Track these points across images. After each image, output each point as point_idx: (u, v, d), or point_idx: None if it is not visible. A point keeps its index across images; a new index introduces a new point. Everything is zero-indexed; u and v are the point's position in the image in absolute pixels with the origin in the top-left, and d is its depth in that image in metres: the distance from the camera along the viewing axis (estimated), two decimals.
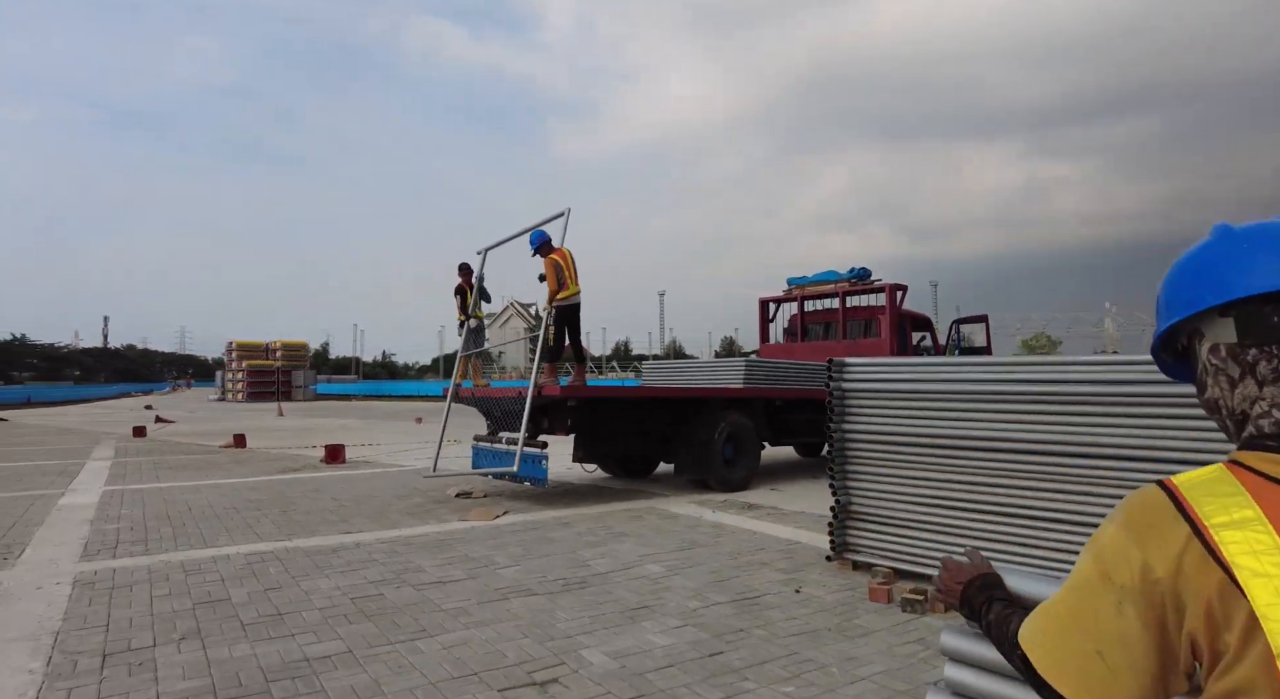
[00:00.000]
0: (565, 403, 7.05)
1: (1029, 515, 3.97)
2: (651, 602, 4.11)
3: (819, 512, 6.84)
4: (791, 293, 11.64)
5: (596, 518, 6.60)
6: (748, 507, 7.14)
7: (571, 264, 7.43)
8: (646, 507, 7.18)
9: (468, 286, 9.05)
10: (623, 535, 5.82)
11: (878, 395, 4.61)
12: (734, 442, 8.10)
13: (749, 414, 8.34)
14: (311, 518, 6.66)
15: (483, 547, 5.46)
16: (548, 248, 7.30)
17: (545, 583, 4.49)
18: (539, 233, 7.29)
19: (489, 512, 6.76)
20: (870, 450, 4.66)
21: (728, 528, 6.12)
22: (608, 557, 5.14)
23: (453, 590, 4.34)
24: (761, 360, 8.91)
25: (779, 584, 4.46)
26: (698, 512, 6.88)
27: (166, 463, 11.59)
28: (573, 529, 6.10)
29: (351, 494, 8.09)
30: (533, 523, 6.38)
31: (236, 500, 7.68)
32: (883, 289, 10.61)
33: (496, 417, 7.91)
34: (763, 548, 5.40)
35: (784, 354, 11.18)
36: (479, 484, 8.32)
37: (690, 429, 7.87)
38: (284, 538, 5.81)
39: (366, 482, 9.16)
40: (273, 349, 52.14)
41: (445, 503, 7.50)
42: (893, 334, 10.41)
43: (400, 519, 6.61)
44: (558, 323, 7.33)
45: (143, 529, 6.19)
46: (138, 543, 5.67)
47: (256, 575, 4.68)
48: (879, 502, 4.62)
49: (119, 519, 6.65)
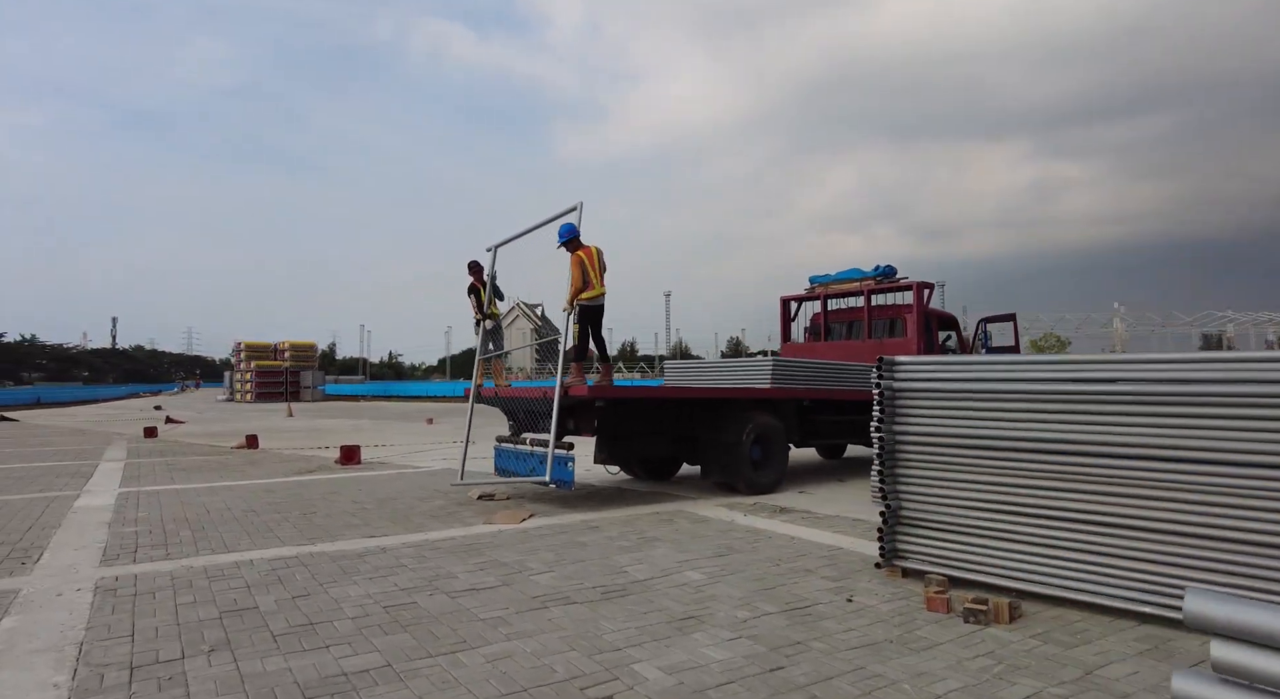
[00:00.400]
0: (592, 403, 6.86)
1: (1099, 523, 3.77)
2: (698, 611, 3.92)
3: (854, 515, 6.66)
4: (814, 291, 11.43)
5: (625, 521, 6.41)
6: (779, 510, 6.94)
7: (598, 262, 7.24)
8: (675, 510, 6.98)
9: (480, 285, 8.87)
10: (655, 540, 5.63)
11: (932, 395, 4.41)
12: (762, 443, 7.90)
13: (778, 415, 8.14)
14: (333, 521, 6.49)
15: (513, 552, 5.28)
16: (576, 243, 7.11)
17: (583, 591, 4.31)
18: (569, 226, 7.10)
19: (515, 514, 6.58)
20: (923, 453, 4.46)
21: (763, 533, 5.92)
22: (644, 563, 4.95)
23: (488, 598, 4.16)
24: (789, 360, 8.71)
25: (828, 593, 4.27)
26: (728, 515, 6.69)
27: (180, 464, 11.46)
28: (603, 533, 5.91)
29: (371, 496, 7.92)
30: (560, 527, 6.20)
31: (254, 503, 7.52)
32: (909, 287, 10.39)
33: (519, 417, 7.73)
34: (804, 554, 5.20)
35: (806, 353, 10.98)
36: (501, 485, 8.14)
37: (717, 431, 7.67)
38: (307, 542, 5.64)
39: (385, 483, 9.00)
40: (281, 350, 52.19)
41: (468, 505, 7.32)
42: (919, 333, 10.19)
43: (424, 522, 6.43)
44: (580, 322, 7.14)
45: (161, 532, 6.03)
46: (158, 547, 5.50)
47: (283, 582, 4.50)
48: (932, 506, 4.42)
49: (137, 522, 6.49)
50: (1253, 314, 68.78)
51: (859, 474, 9.66)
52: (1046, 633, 3.55)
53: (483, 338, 8.41)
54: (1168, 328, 59.64)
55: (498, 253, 8.65)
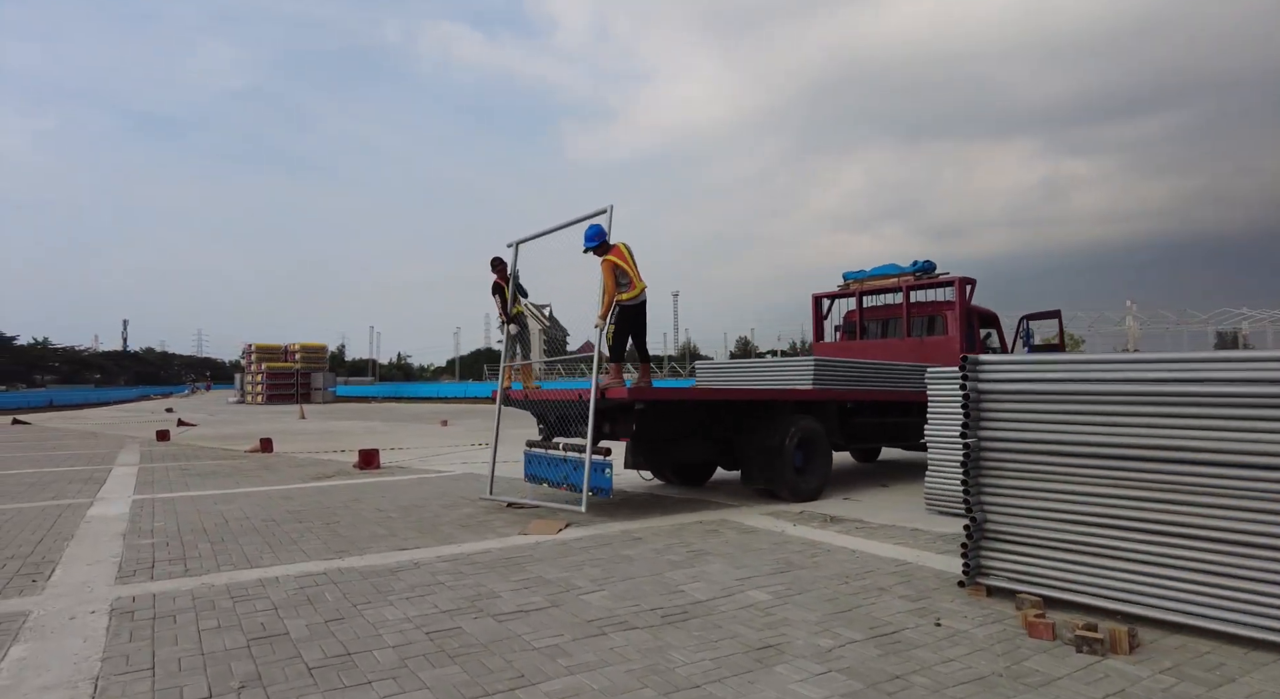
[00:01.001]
0: (631, 406, 6.47)
1: (1227, 540, 3.37)
2: (775, 639, 3.54)
3: (910, 524, 6.27)
4: (849, 288, 11.02)
5: (669, 532, 6.03)
6: (829, 519, 6.55)
7: (631, 260, 6.87)
8: (718, 519, 6.60)
9: (503, 283, 8.49)
10: (706, 554, 5.24)
11: (1024, 397, 4.02)
12: (805, 448, 7.51)
13: (821, 418, 7.74)
14: (358, 532, 6.14)
15: (555, 567, 4.91)
16: (605, 247, 6.73)
17: (641, 613, 3.93)
18: (596, 227, 6.72)
19: (551, 524, 6.21)
20: (1013, 460, 4.06)
21: (820, 545, 5.53)
22: (700, 580, 4.57)
23: (539, 622, 3.79)
24: (831, 359, 8.32)
25: (911, 615, 3.87)
26: (776, 525, 6.30)
27: (194, 469, 11.15)
28: (648, 545, 5.53)
29: (395, 504, 7.57)
30: (601, 538, 5.83)
31: (274, 511, 7.17)
32: (951, 282, 9.96)
33: (551, 421, 7.37)
34: (871, 570, 4.81)
35: (841, 352, 10.57)
36: (531, 491, 7.78)
37: (759, 434, 7.29)
38: (334, 556, 5.28)
39: (407, 490, 8.65)
40: (291, 351, 52.04)
41: (499, 513, 6.96)
42: (962, 331, 9.78)
43: (455, 533, 6.07)
44: (619, 322, 6.76)
45: (179, 545, 5.68)
46: (176, 561, 5.16)
47: (313, 602, 4.15)
48: (1023, 519, 4.02)
49: (153, 533, 6.16)
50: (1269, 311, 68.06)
51: (900, 478, 9.26)
52: (1177, 668, 3.14)
53: (508, 339, 8.03)
54: (1182, 326, 58.98)
55: (519, 250, 8.28)
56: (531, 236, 8.05)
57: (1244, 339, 61.80)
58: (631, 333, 6.83)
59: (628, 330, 6.80)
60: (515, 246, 8.25)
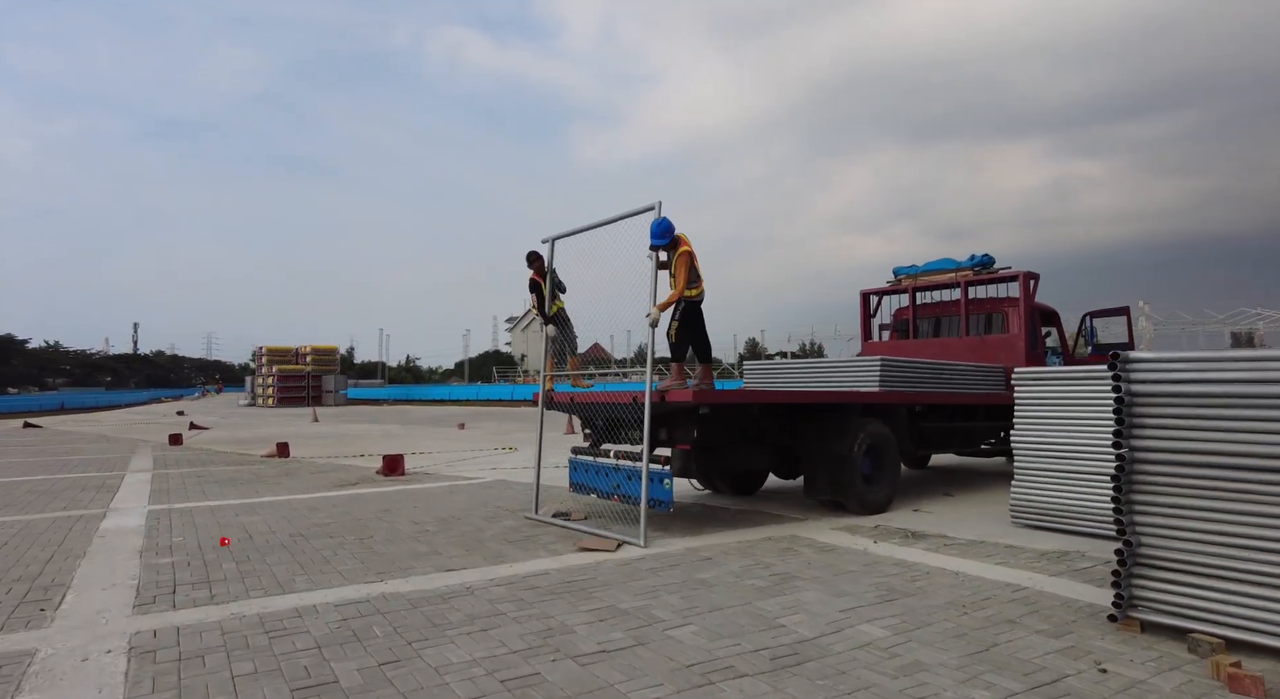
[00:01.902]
0: (695, 411, 5.89)
1: None
2: (920, 691, 2.96)
3: (1002, 540, 5.70)
4: (900, 284, 10.42)
5: (740, 551, 5.46)
6: (910, 535, 5.96)
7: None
8: (788, 535, 6.02)
9: (540, 279, 7.90)
10: (792, 578, 4.66)
11: (1193, 402, 3.43)
12: (873, 456, 6.92)
13: (890, 423, 7.15)
14: (396, 548, 5.59)
15: (627, 593, 4.34)
16: (675, 243, 6.17)
17: (746, 656, 3.35)
18: (665, 222, 6.16)
19: (606, 540, 5.65)
20: (1177, 475, 3.47)
21: (915, 566, 4.95)
22: (798, 611, 3.99)
23: (628, 665, 3.22)
24: (899, 360, 7.72)
25: (1063, 657, 3.29)
26: (855, 542, 5.72)
27: (210, 475, 10.64)
28: (722, 567, 4.95)
29: (430, 515, 7.02)
30: (666, 557, 5.26)
31: (300, 523, 6.63)
32: (1014, 277, 9.35)
33: (599, 425, 6.80)
34: (987, 597, 4.22)
35: (892, 352, 9.95)
36: (577, 501, 7.21)
37: (826, 441, 6.70)
38: (374, 577, 4.73)
39: (440, 499, 8.10)
40: (302, 354, 51.66)
41: (545, 527, 6.40)
42: (1026, 329, 9.17)
43: (503, 549, 5.52)
44: (683, 319, 6.19)
45: (201, 564, 5.14)
46: (199, 584, 4.61)
47: (360, 639, 3.59)
48: (1192, 544, 3.43)
49: (172, 550, 5.62)
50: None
51: (962, 486, 8.66)
52: None
53: (548, 340, 7.46)
54: (1198, 326, 58.26)
55: (555, 247, 7.68)
56: (570, 232, 7.44)
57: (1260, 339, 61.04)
58: (693, 332, 6.26)
59: (691, 329, 6.23)
60: (551, 243, 7.66)
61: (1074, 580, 4.57)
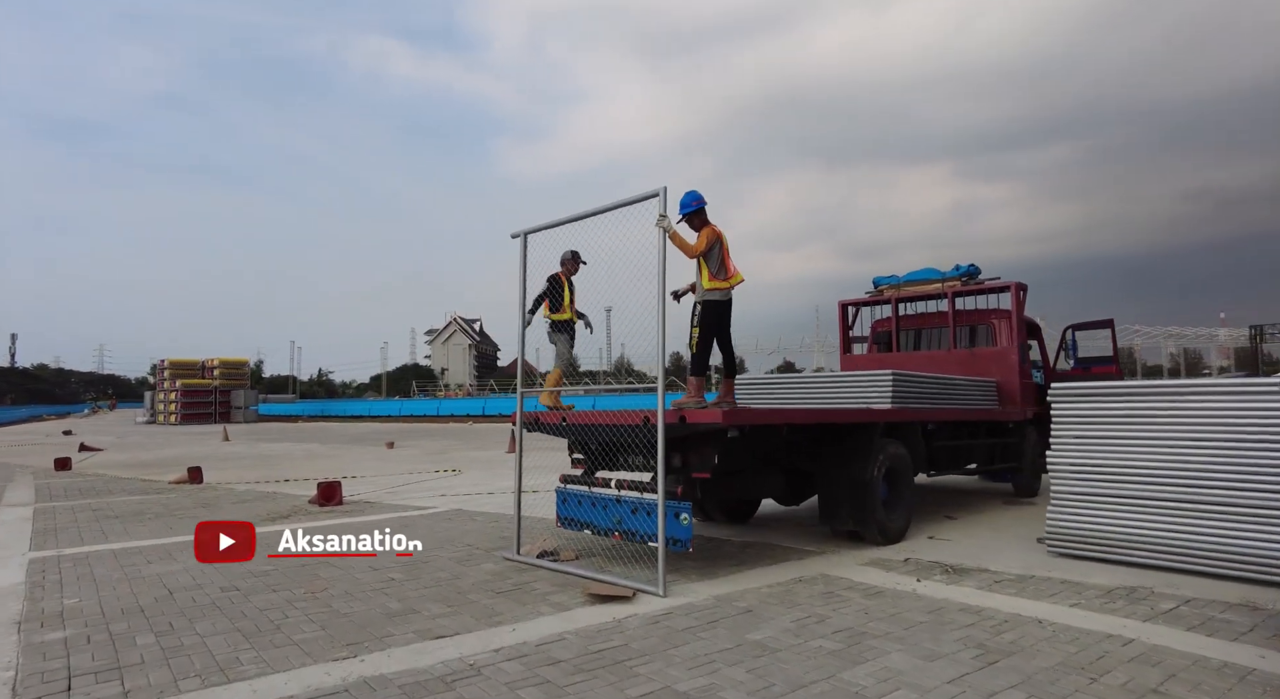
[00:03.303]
0: (719, 435, 5.08)
1: None
2: None
3: (1045, 572, 5.21)
4: (882, 294, 9.96)
5: (778, 598, 4.68)
6: (951, 570, 5.33)
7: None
8: (817, 574, 5.29)
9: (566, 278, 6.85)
10: (862, 636, 3.92)
11: None
12: (889, 479, 6.31)
13: (907, 442, 6.55)
14: (361, 606, 4.56)
15: (676, 667, 3.49)
16: (703, 221, 5.40)
17: None
18: (695, 193, 5.38)
19: (618, 587, 4.77)
20: None
21: (985, 612, 4.29)
22: (899, 684, 3.24)
23: None
24: (911, 374, 7.17)
25: None
26: (897, 582, 5.04)
27: (109, 508, 9.14)
28: (771, 623, 4.16)
29: (390, 558, 5.96)
30: (696, 609, 4.43)
31: (234, 573, 5.48)
32: (1005, 288, 9.01)
33: (593, 450, 5.91)
34: (1100, 654, 3.58)
35: (875, 365, 9.46)
36: (565, 538, 6.29)
37: (844, 464, 6.04)
38: (345, 652, 3.72)
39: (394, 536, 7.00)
40: (210, 367, 48.21)
41: (532, 570, 5.47)
42: (1018, 341, 8.82)
43: (494, 604, 4.57)
44: (704, 321, 5.39)
45: (108, 642, 3.98)
46: (107, 676, 3.49)
47: None
48: None
49: (64, 619, 4.41)
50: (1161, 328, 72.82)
51: (956, 507, 8.18)
52: None
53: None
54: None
55: (528, 241, 6.68)
56: (548, 224, 6.47)
57: (1136, 353, 65.64)
58: (718, 337, 5.46)
59: (715, 332, 5.43)
60: (524, 237, 6.64)
61: (1174, 627, 4.01)
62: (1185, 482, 5.15)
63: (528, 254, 6.29)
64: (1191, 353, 77.94)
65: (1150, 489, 5.28)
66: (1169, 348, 72.23)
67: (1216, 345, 76.59)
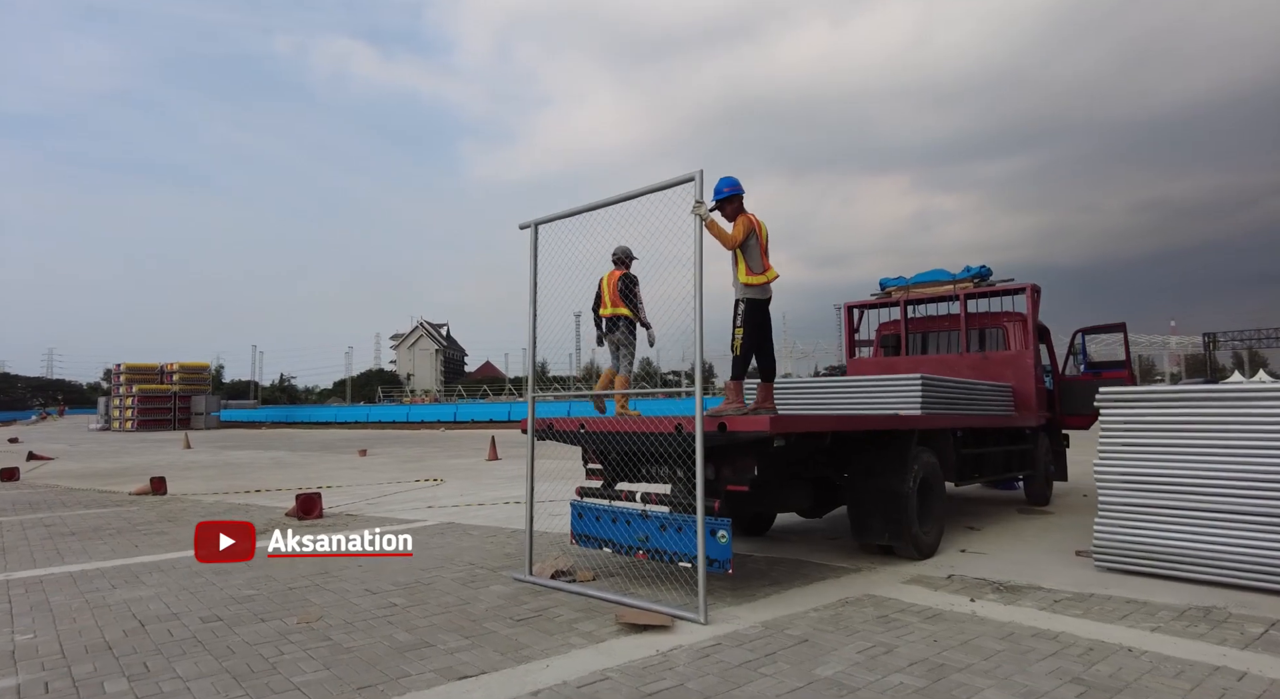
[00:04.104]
0: (762, 444, 4.62)
1: None
2: None
3: (1103, 590, 4.84)
4: (890, 296, 9.64)
5: (831, 623, 4.25)
6: (1003, 589, 4.96)
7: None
8: (861, 595, 4.88)
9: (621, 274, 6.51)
10: (943, 670, 3.50)
11: None
12: (921, 490, 5.93)
13: (937, 450, 6.20)
14: (367, 639, 4.03)
15: None
16: (739, 208, 5.00)
17: None
18: (731, 179, 4.95)
19: (653, 615, 4.30)
20: None
21: (1064, 638, 3.91)
22: None
23: None
24: (939, 379, 6.82)
25: None
26: (950, 602, 4.65)
27: (64, 524, 8.40)
28: (836, 654, 3.73)
29: (386, 579, 5.43)
30: (748, 640, 3.98)
31: (211, 598, 4.89)
32: (1021, 290, 8.74)
33: (613, 460, 5.44)
34: (1220, 693, 3.21)
35: (884, 369, 9.13)
36: (578, 556, 5.80)
37: (882, 475, 5.66)
38: (356, 697, 3.20)
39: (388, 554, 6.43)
40: (168, 372, 46.48)
41: (549, 593, 4.97)
42: (1034, 345, 8.55)
43: (518, 635, 4.07)
44: (749, 321, 4.96)
45: (72, 691, 3.40)
46: None
47: None
48: None
49: (16, 661, 3.80)
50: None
51: (972, 516, 7.86)
52: None
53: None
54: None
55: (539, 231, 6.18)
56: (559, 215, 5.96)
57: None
58: (758, 339, 5.03)
59: (758, 334, 5.00)
60: (534, 227, 6.13)
61: (1273, 655, 3.67)
62: (1248, 493, 4.85)
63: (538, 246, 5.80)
64: (1145, 359, 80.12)
65: (1210, 501, 4.98)
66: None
67: (1168, 352, 78.88)
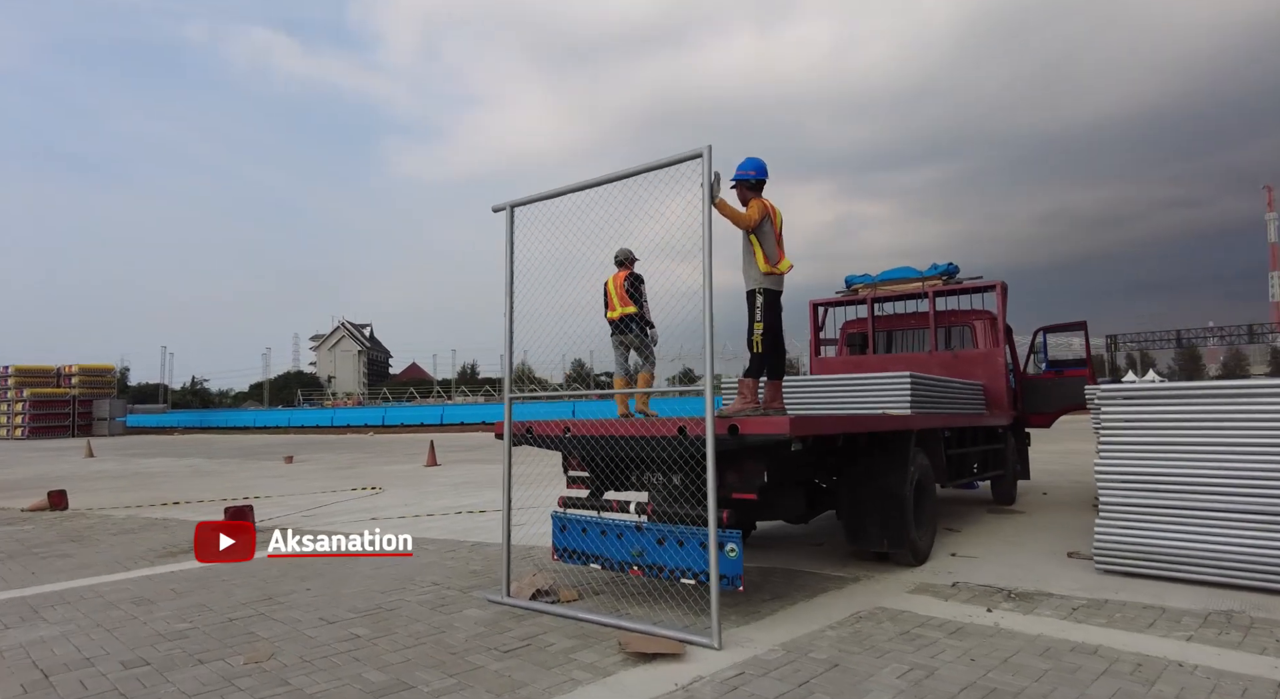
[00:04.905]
0: (777, 447, 4.21)
1: None
2: None
3: (1116, 596, 4.67)
4: (856, 293, 9.45)
5: (851, 643, 3.89)
6: (1014, 596, 4.72)
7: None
8: (873, 608, 4.55)
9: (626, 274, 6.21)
10: (993, 695, 3.18)
11: None
12: (916, 493, 5.68)
13: (930, 452, 5.96)
14: (329, 679, 3.44)
15: None
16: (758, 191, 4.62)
17: None
18: (758, 161, 4.54)
19: (662, 641, 3.85)
20: None
21: (1103, 652, 3.66)
22: None
23: None
24: (926, 377, 6.59)
25: None
26: (967, 612, 4.37)
27: None
28: (872, 680, 3.36)
29: (342, 604, 4.80)
30: (771, 667, 3.57)
31: (135, 640, 4.17)
32: (990, 287, 8.66)
33: (601, 466, 4.95)
34: None
35: (853, 368, 8.93)
36: (557, 571, 5.28)
37: (881, 477, 5.36)
38: None
39: (338, 573, 5.77)
40: (66, 375, 43.10)
41: (532, 617, 4.46)
42: (1004, 343, 8.49)
43: (511, 670, 3.55)
44: (768, 314, 4.55)
45: None
46: None
47: None
48: None
49: None
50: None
51: (955, 518, 7.71)
52: None
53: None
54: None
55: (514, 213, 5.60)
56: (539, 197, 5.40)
57: None
58: (774, 335, 4.62)
59: (779, 328, 4.59)
60: (510, 209, 5.53)
61: None
62: (1257, 491, 4.76)
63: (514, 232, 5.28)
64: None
65: (1214, 500, 4.87)
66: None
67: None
